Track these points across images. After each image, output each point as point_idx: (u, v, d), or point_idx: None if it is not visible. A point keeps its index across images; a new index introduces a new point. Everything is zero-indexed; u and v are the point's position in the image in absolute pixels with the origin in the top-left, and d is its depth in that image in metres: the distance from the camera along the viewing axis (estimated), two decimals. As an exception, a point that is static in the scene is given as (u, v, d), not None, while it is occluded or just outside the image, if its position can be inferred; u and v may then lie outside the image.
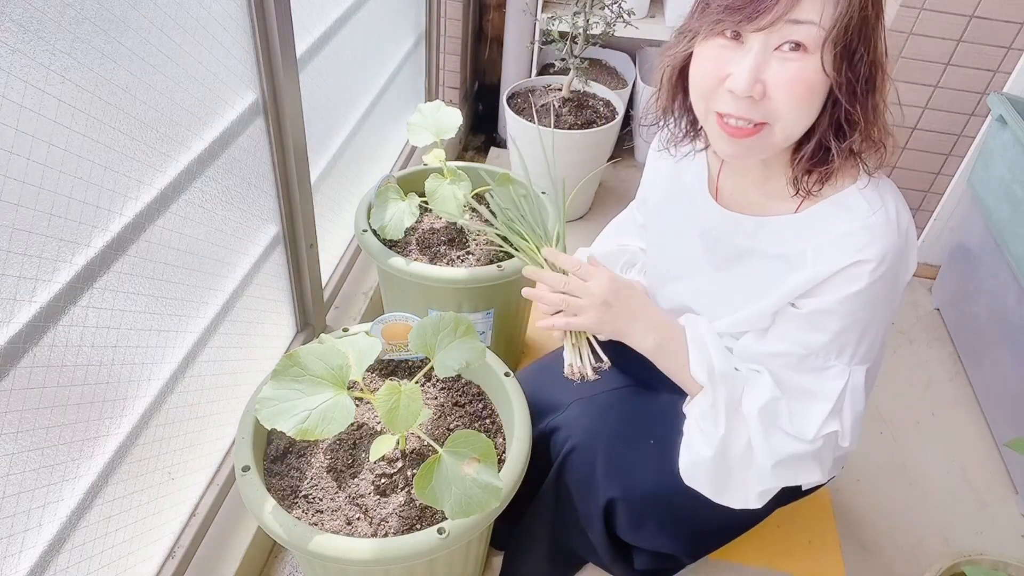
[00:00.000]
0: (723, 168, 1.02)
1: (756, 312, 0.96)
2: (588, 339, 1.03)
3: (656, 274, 1.15)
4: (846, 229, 0.87)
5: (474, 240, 1.54)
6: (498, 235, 1.12)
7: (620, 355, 1.06)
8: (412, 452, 1.10)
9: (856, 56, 0.79)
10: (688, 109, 0.94)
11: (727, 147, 0.87)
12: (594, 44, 2.10)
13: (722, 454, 0.97)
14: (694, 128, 0.98)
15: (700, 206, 1.03)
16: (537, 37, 2.35)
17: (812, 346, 0.93)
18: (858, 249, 0.86)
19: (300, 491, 1.05)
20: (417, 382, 1.00)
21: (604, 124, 2.15)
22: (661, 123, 1.01)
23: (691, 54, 0.87)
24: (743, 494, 1.00)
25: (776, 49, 0.79)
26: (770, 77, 0.80)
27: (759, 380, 0.97)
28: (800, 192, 0.89)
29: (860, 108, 0.82)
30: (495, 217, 1.12)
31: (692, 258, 1.05)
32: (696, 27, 0.85)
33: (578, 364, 1.01)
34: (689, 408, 1.02)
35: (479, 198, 1.51)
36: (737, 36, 0.81)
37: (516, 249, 1.10)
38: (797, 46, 0.79)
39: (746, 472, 0.98)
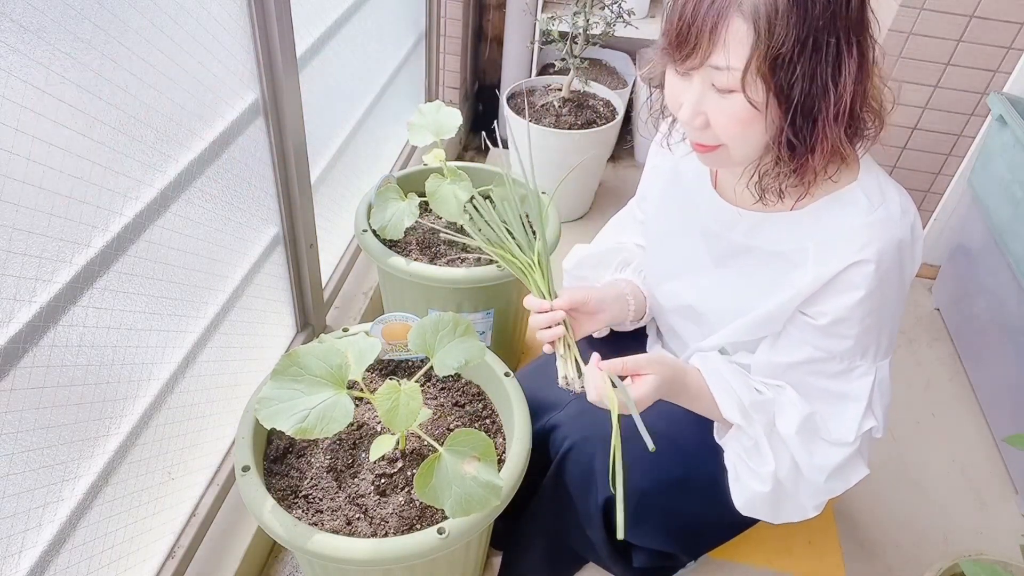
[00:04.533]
0: None
1: (763, 316, 0.96)
2: (576, 354, 1.02)
3: (656, 271, 1.15)
4: (847, 226, 0.87)
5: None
6: (487, 246, 1.14)
7: (618, 354, 1.06)
8: (412, 452, 1.10)
9: (793, 86, 0.77)
10: None
11: (698, 158, 0.92)
12: (594, 44, 2.10)
13: (777, 484, 0.99)
14: None
15: (701, 201, 1.03)
16: (537, 37, 2.35)
17: (835, 351, 0.94)
18: (858, 248, 0.86)
19: (300, 491, 1.05)
20: (417, 382, 1.00)
21: (604, 124, 2.15)
22: (659, 120, 1.02)
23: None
24: (800, 510, 1.02)
25: (712, 84, 0.81)
26: (708, 110, 0.83)
27: (785, 398, 0.98)
28: (765, 200, 0.90)
29: (810, 129, 0.80)
30: (480, 231, 1.14)
31: (693, 254, 1.05)
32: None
33: (572, 375, 1.00)
34: (727, 443, 1.03)
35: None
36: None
37: (504, 263, 1.12)
38: None
39: (798, 491, 1.00)
